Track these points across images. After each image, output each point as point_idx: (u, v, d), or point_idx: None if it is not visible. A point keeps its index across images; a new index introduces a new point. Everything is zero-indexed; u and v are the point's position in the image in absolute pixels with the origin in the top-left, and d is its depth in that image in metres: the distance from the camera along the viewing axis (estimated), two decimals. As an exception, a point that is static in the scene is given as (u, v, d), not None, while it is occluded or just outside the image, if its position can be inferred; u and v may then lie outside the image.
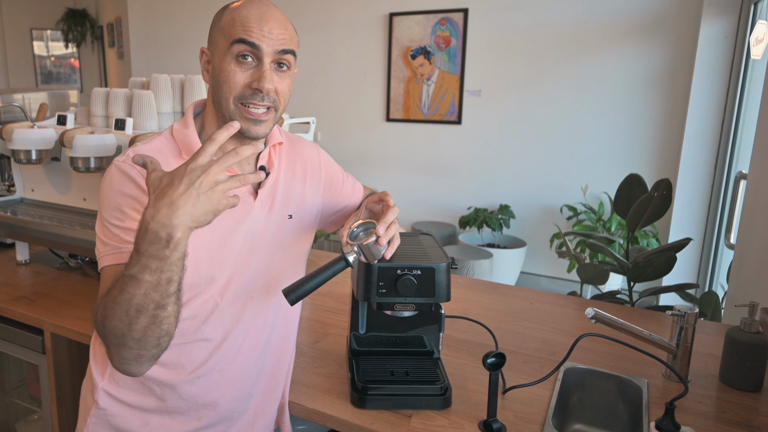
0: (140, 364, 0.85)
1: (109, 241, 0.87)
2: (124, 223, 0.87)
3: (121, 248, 0.86)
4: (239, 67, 0.90)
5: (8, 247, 1.98)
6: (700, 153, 3.22)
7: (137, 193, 0.88)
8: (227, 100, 0.91)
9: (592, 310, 1.14)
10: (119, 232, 0.87)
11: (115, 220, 0.87)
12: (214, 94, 0.94)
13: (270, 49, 0.90)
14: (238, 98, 0.91)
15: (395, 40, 4.36)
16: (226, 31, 0.90)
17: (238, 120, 0.91)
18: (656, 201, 1.86)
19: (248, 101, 0.91)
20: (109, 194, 0.89)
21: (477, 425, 1.04)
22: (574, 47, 3.74)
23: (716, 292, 2.09)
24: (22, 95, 2.49)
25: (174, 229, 0.72)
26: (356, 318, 1.17)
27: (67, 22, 8.01)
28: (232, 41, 0.89)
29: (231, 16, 0.91)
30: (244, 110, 0.91)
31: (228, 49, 0.89)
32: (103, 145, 1.54)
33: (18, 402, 1.81)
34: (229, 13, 0.92)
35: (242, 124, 0.91)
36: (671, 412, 0.98)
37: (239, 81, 0.90)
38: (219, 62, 0.91)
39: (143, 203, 0.87)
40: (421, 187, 4.45)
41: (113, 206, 0.88)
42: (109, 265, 0.87)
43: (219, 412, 1.01)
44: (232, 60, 0.90)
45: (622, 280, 3.56)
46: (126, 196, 0.88)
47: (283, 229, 1.03)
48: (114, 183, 0.89)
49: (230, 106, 0.91)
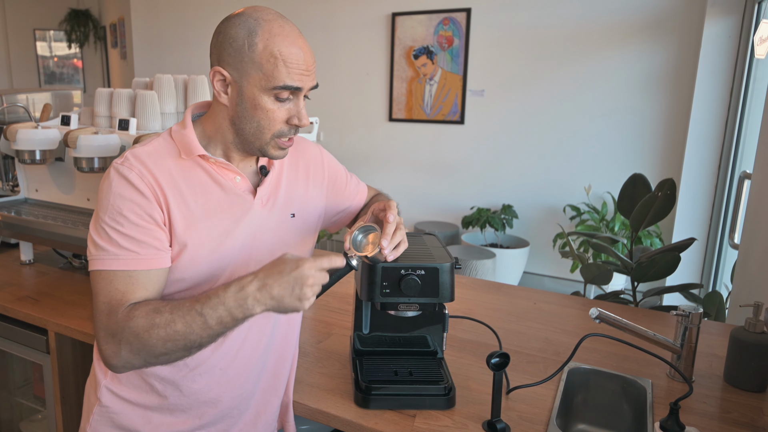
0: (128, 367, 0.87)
1: (106, 245, 0.87)
2: (124, 228, 0.87)
3: (119, 255, 0.86)
4: (278, 106, 0.90)
5: (12, 247, 1.98)
6: (703, 153, 3.21)
7: (136, 197, 0.88)
8: (265, 134, 0.92)
9: (596, 310, 1.14)
10: (118, 238, 0.87)
11: (115, 224, 0.87)
12: (239, 122, 0.92)
13: (307, 86, 0.91)
14: (276, 135, 0.92)
15: (398, 40, 4.36)
16: (265, 68, 0.87)
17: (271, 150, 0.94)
18: (660, 201, 1.85)
19: (285, 136, 0.93)
20: (108, 197, 0.88)
21: (481, 425, 1.04)
22: (578, 46, 3.74)
23: (720, 292, 2.08)
24: (25, 96, 2.50)
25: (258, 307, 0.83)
26: (360, 318, 1.17)
27: (70, 22, 8.03)
28: (277, 86, 0.87)
29: (270, 51, 0.86)
30: (280, 142, 0.94)
31: (269, 89, 0.88)
32: (106, 146, 1.54)
33: (22, 401, 1.81)
34: (264, 44, 0.87)
35: (273, 152, 0.95)
36: (676, 413, 0.97)
37: (278, 118, 0.91)
38: (252, 96, 0.89)
39: (142, 206, 0.87)
40: (424, 187, 4.45)
41: (113, 210, 0.87)
42: (103, 270, 0.87)
43: (221, 410, 1.01)
44: (270, 98, 0.89)
45: (625, 280, 3.55)
46: (125, 200, 0.87)
47: (286, 228, 1.03)
48: (113, 186, 0.88)
49: (267, 140, 0.93)
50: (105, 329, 0.85)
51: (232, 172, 0.96)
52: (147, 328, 0.82)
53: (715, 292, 1.92)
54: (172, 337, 0.82)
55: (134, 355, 0.84)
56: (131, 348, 0.84)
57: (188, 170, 0.93)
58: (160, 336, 0.82)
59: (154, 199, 0.89)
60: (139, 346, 0.83)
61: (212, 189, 0.94)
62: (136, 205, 0.87)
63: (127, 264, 0.86)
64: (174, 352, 0.85)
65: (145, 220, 0.88)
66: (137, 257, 0.87)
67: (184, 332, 0.82)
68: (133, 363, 0.86)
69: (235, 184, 0.96)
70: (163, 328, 0.82)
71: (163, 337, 0.82)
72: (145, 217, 0.88)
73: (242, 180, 0.97)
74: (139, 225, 0.87)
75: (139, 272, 0.87)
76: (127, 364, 0.86)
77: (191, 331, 0.82)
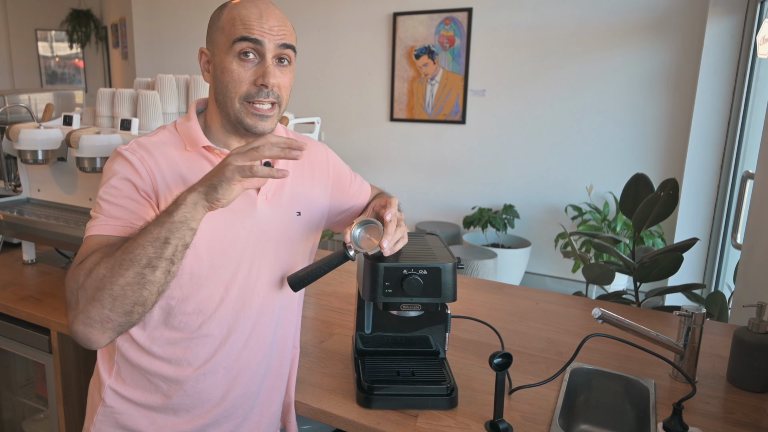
0: (104, 330, 0.80)
1: (98, 214, 0.89)
2: (116, 199, 0.89)
3: (108, 221, 0.88)
4: (242, 66, 0.90)
5: (15, 246, 1.98)
6: (706, 152, 3.20)
7: (134, 177, 0.90)
8: (232, 99, 0.91)
9: (599, 310, 1.13)
10: (109, 207, 0.89)
11: (108, 196, 0.90)
12: (216, 94, 0.94)
13: (272, 45, 0.90)
14: (244, 97, 0.91)
15: (399, 40, 4.35)
16: (226, 30, 0.91)
17: (244, 118, 0.92)
18: (662, 201, 1.85)
19: (254, 99, 0.91)
20: (108, 174, 0.92)
21: (483, 425, 1.03)
22: (579, 46, 3.73)
23: (723, 292, 2.08)
24: (28, 96, 2.50)
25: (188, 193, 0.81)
26: (362, 318, 1.17)
27: (71, 22, 8.03)
28: (234, 39, 0.89)
29: (230, 15, 0.91)
30: (250, 107, 0.92)
31: (230, 47, 0.90)
32: (109, 146, 1.54)
33: (24, 401, 1.81)
34: (228, 11, 0.92)
35: (248, 120, 0.92)
36: (679, 413, 0.97)
37: (243, 79, 0.90)
38: (221, 61, 0.91)
39: (137, 185, 0.90)
40: (425, 186, 4.45)
41: (109, 185, 0.90)
42: (93, 235, 0.88)
43: (225, 410, 1.01)
44: (234, 59, 0.90)
45: (627, 281, 3.55)
46: (123, 178, 0.90)
47: (291, 226, 1.03)
48: (114, 165, 0.92)
49: (236, 105, 0.92)
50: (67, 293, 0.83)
51: None
52: (95, 264, 0.80)
53: (718, 292, 1.91)
54: (116, 261, 0.78)
55: (90, 305, 0.79)
56: (85, 295, 0.79)
57: (193, 162, 0.94)
58: (106, 266, 0.79)
59: (150, 184, 0.91)
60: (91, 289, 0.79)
61: None
62: (132, 183, 0.90)
63: (112, 229, 0.87)
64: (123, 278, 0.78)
65: (139, 194, 0.90)
66: (127, 225, 0.87)
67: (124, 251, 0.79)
68: (92, 316, 0.79)
69: None
70: (108, 256, 0.80)
71: (109, 266, 0.79)
72: (139, 193, 0.90)
73: None
74: (133, 198, 0.90)
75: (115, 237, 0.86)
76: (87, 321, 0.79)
77: (129, 247, 0.79)
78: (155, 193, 0.91)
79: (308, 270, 0.97)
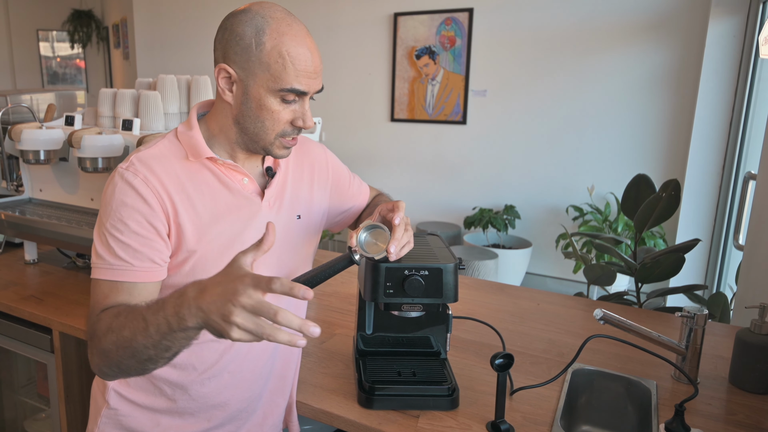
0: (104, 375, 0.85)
1: (104, 254, 0.86)
2: (123, 235, 0.85)
3: (113, 265, 0.86)
4: (283, 107, 0.89)
5: (16, 246, 1.99)
6: (708, 153, 3.20)
7: (139, 205, 0.86)
8: (268, 134, 0.91)
9: (601, 311, 1.13)
10: (115, 246, 0.86)
11: (115, 231, 0.86)
12: (244, 120, 0.91)
13: (313, 90, 0.91)
14: (281, 134, 0.91)
15: (400, 40, 4.35)
16: (272, 68, 0.85)
17: (275, 150, 0.93)
18: (664, 201, 1.84)
19: (289, 135, 0.92)
20: (111, 203, 0.87)
21: (485, 426, 1.03)
22: (580, 46, 3.73)
23: (725, 293, 2.07)
24: (29, 96, 2.51)
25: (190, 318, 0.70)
26: (363, 318, 1.17)
27: (72, 23, 8.04)
28: (284, 89, 0.86)
29: (278, 51, 0.85)
30: (284, 141, 0.92)
31: (276, 91, 0.87)
32: (110, 146, 1.55)
33: (26, 400, 1.82)
34: (272, 42, 0.85)
35: (278, 152, 0.93)
36: (681, 414, 0.97)
37: (283, 119, 0.90)
38: (258, 96, 0.88)
39: (144, 215, 0.86)
40: (426, 187, 4.45)
41: (115, 216, 0.86)
42: (101, 280, 0.86)
43: (229, 413, 1.01)
44: (277, 99, 0.88)
45: (629, 282, 3.54)
46: (128, 207, 0.86)
47: (292, 230, 1.03)
48: (117, 192, 0.87)
49: (271, 139, 0.92)
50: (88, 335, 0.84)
51: (240, 173, 0.95)
52: (105, 332, 0.79)
53: (720, 293, 1.91)
54: (122, 343, 0.77)
55: (101, 361, 0.81)
56: (98, 352, 0.81)
57: (195, 173, 0.92)
58: (112, 340, 0.78)
59: (159, 207, 0.87)
60: (101, 351, 0.80)
61: (220, 191, 0.93)
62: (139, 213, 0.86)
63: (119, 275, 0.86)
64: (127, 361, 0.78)
65: (146, 229, 0.86)
66: (131, 269, 0.86)
67: (129, 338, 0.76)
68: (104, 371, 0.82)
69: (242, 186, 0.95)
70: (116, 332, 0.78)
71: (114, 342, 0.77)
72: (146, 226, 0.86)
73: (250, 182, 0.96)
74: (140, 234, 0.86)
75: (129, 283, 0.86)
76: (100, 372, 0.83)
77: (134, 338, 0.75)
78: (165, 214, 0.88)
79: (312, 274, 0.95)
